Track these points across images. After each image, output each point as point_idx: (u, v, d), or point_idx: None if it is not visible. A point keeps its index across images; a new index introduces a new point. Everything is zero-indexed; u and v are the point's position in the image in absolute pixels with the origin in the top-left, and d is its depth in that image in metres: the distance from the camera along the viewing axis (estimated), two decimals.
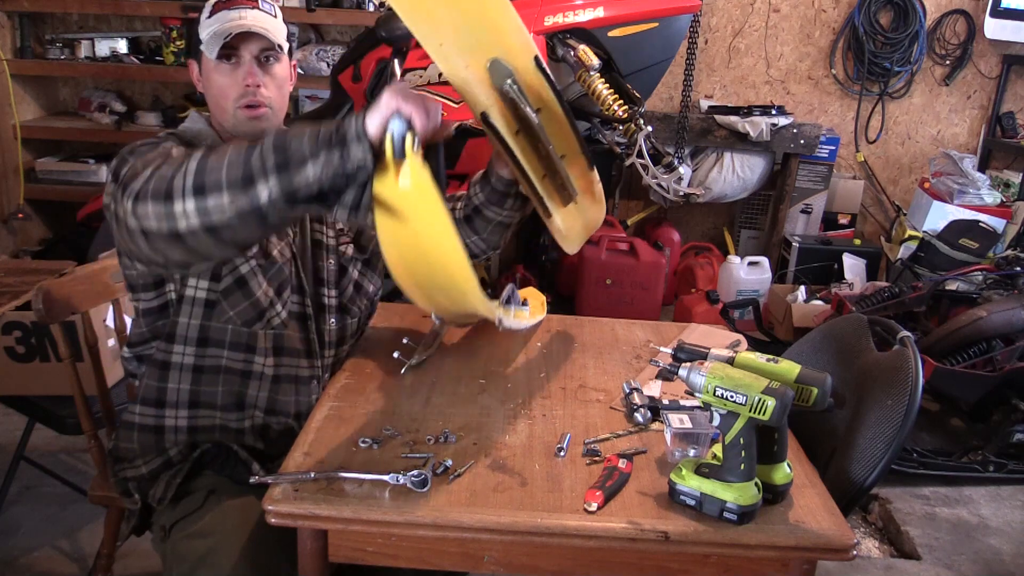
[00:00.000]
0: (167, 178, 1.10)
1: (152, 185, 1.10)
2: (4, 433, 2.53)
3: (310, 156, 1.04)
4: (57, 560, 2.09)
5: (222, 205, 1.06)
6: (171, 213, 1.08)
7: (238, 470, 1.38)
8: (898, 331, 1.38)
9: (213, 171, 1.07)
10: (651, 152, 2.95)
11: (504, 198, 1.50)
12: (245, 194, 1.05)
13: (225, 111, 1.39)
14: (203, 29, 1.38)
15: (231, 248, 1.15)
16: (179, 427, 1.40)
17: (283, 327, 1.41)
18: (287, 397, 1.43)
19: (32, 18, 3.83)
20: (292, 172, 1.04)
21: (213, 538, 1.28)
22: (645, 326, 1.75)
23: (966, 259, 3.41)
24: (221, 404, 1.40)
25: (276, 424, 1.43)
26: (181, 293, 1.36)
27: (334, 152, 1.04)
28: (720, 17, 4.12)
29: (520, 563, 1.11)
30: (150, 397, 1.40)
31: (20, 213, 3.72)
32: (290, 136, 1.06)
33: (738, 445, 1.06)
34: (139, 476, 1.41)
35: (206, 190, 1.06)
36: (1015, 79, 4.13)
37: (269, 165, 1.05)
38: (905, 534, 2.40)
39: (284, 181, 1.04)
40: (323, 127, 1.06)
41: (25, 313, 1.98)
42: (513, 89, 1.21)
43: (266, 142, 1.07)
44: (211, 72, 1.39)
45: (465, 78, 1.21)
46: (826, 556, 1.07)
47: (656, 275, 3.60)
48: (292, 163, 1.04)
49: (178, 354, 1.38)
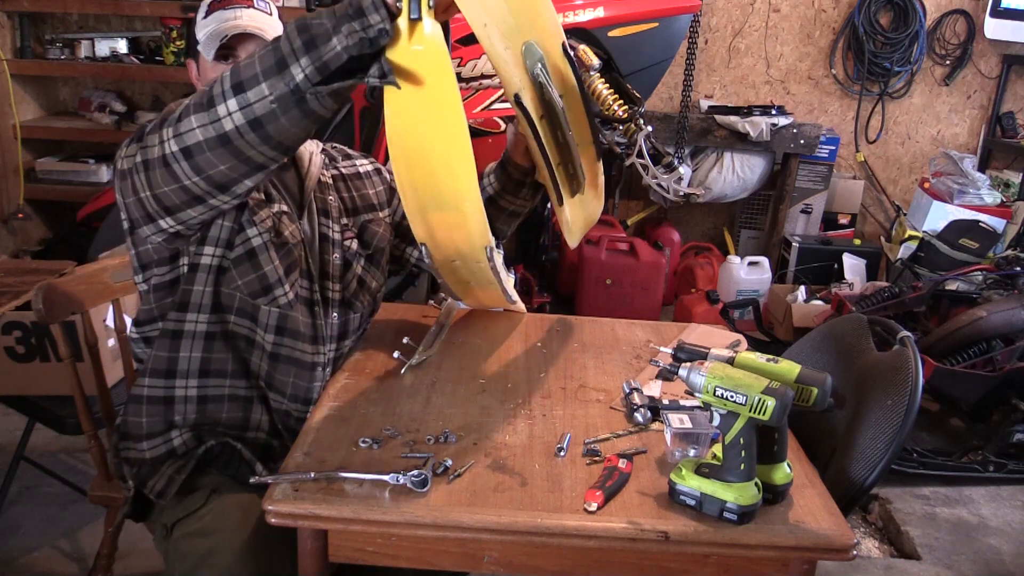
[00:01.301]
0: (205, 92, 1.14)
1: (193, 102, 1.15)
2: (4, 433, 2.53)
3: (333, 31, 1.08)
4: (57, 560, 2.09)
5: (263, 94, 1.10)
6: (216, 117, 1.12)
7: (241, 470, 1.38)
8: (898, 331, 1.38)
9: (247, 68, 1.11)
10: (651, 152, 2.94)
11: (520, 187, 1.54)
12: (281, 79, 1.09)
13: None
14: (200, 29, 1.39)
15: (278, 150, 1.17)
16: (189, 397, 1.40)
17: (289, 307, 1.42)
18: (285, 377, 1.43)
19: (32, 18, 3.83)
20: (320, 47, 1.08)
21: (215, 537, 1.28)
22: (645, 326, 1.75)
23: (966, 259, 3.41)
24: (231, 370, 1.41)
25: (275, 402, 1.44)
26: (195, 262, 1.37)
27: (354, 23, 1.07)
28: (720, 17, 4.12)
29: (520, 563, 1.11)
30: (160, 368, 1.40)
31: (20, 213, 3.72)
32: (311, 18, 1.10)
33: (738, 445, 1.06)
34: (141, 460, 1.41)
35: (244, 85, 1.10)
36: (1015, 79, 4.14)
37: (297, 46, 1.08)
38: (905, 534, 2.40)
39: (314, 56, 1.08)
40: (337, 6, 1.10)
41: (25, 313, 1.98)
42: (543, 73, 1.26)
43: (289, 27, 1.11)
44: (208, 72, 1.39)
45: (505, 58, 1.24)
46: (826, 556, 1.07)
47: (656, 275, 3.60)
48: (318, 40, 1.08)
49: (191, 322, 1.39)
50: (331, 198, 1.53)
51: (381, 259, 1.59)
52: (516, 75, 1.26)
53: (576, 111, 1.40)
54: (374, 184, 1.63)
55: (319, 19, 1.09)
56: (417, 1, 1.09)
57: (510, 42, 1.24)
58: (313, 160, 1.52)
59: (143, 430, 1.41)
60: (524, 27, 1.27)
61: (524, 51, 1.26)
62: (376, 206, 1.61)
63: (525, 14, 1.27)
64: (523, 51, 1.26)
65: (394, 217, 1.64)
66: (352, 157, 1.65)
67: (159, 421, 1.41)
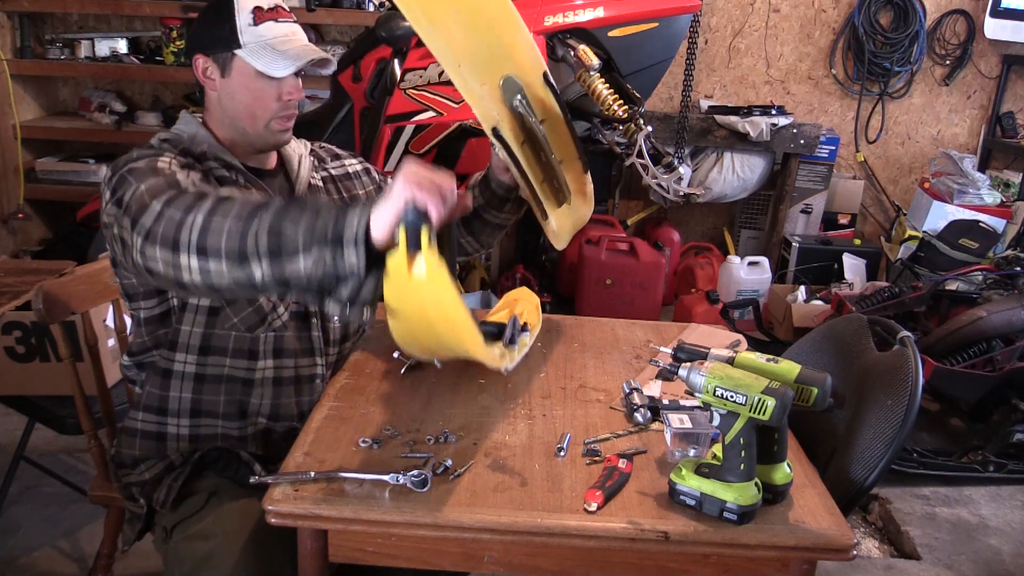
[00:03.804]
0: (175, 224, 1.08)
1: (161, 229, 1.09)
2: (4, 433, 2.53)
3: (303, 249, 1.01)
4: (57, 560, 2.09)
5: (221, 271, 1.06)
6: (177, 264, 1.08)
7: (240, 472, 1.38)
8: (898, 331, 1.38)
9: (215, 234, 1.05)
10: (651, 152, 2.94)
11: (503, 202, 1.52)
12: (240, 268, 1.04)
13: (257, 120, 1.38)
14: (245, 33, 1.34)
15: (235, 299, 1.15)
16: (181, 435, 1.39)
17: (284, 328, 1.41)
18: (289, 400, 1.43)
19: (32, 18, 3.83)
20: (284, 261, 1.02)
21: (214, 540, 1.28)
22: (645, 326, 1.75)
23: (966, 259, 3.41)
24: (223, 413, 1.39)
25: (279, 428, 1.43)
26: (184, 300, 1.35)
27: (326, 250, 1.00)
28: (720, 17, 4.12)
29: (520, 563, 1.11)
30: (152, 405, 1.39)
31: (20, 213, 3.72)
32: (288, 220, 1.02)
33: (738, 445, 1.06)
34: (142, 481, 1.41)
35: (208, 253, 1.05)
36: (1015, 79, 4.13)
37: (262, 249, 1.02)
38: (905, 534, 2.40)
39: (276, 268, 1.03)
40: (323, 214, 1.02)
41: (25, 313, 1.98)
42: (523, 104, 1.25)
43: (264, 218, 1.03)
44: (250, 79, 1.36)
45: (480, 94, 1.24)
46: (826, 556, 1.07)
47: (656, 275, 3.60)
48: (285, 252, 1.02)
49: (180, 363, 1.37)
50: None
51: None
52: (493, 109, 1.26)
53: (560, 132, 1.39)
54: (364, 184, 1.61)
55: (296, 224, 1.01)
56: (416, 234, 0.98)
57: (487, 78, 1.24)
58: (303, 163, 1.50)
59: (138, 460, 1.41)
60: (501, 62, 1.26)
61: (503, 85, 1.25)
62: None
63: (501, 50, 1.27)
64: (501, 85, 1.25)
65: None
66: (341, 157, 1.63)
67: (152, 451, 1.41)
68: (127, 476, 1.43)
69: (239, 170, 1.40)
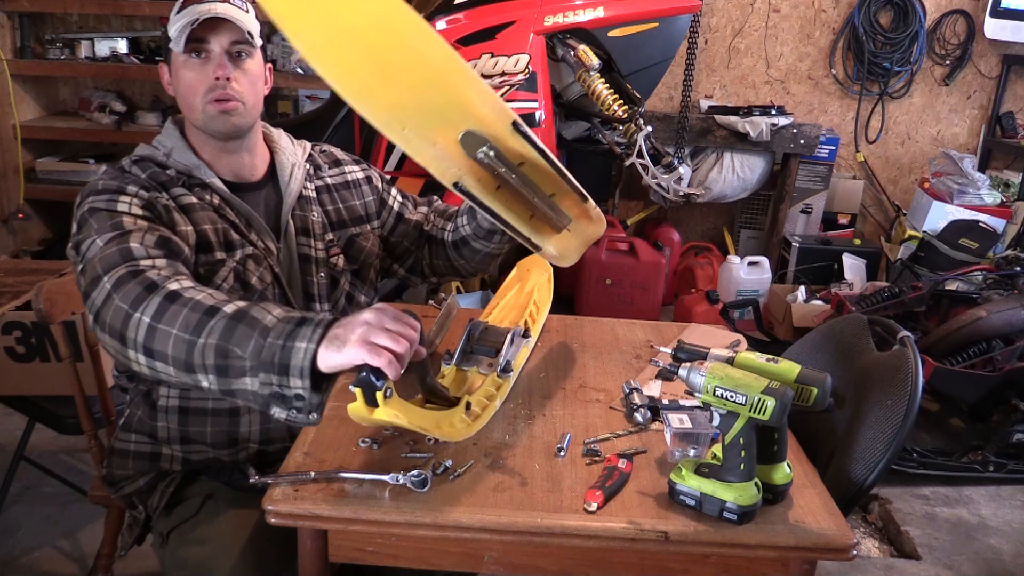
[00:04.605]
0: (122, 317, 1.07)
1: (109, 318, 1.09)
2: (4, 433, 2.53)
3: (249, 372, 1.00)
4: (57, 560, 2.09)
5: (169, 373, 1.06)
6: (126, 355, 1.08)
7: (234, 476, 1.36)
8: (898, 331, 1.38)
9: (161, 340, 1.04)
10: (651, 152, 2.95)
11: (491, 234, 1.50)
12: (188, 375, 1.04)
13: (194, 108, 1.34)
14: (172, 25, 1.32)
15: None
16: (175, 456, 1.37)
17: None
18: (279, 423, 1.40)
19: (32, 18, 3.83)
20: (231, 379, 1.01)
21: (211, 545, 1.27)
22: (645, 326, 1.75)
23: (966, 259, 3.41)
24: (211, 443, 1.36)
25: (272, 449, 1.39)
26: None
27: (272, 376, 0.99)
28: (720, 17, 4.12)
29: (520, 563, 1.11)
30: (144, 430, 1.37)
31: (20, 213, 3.72)
32: (234, 340, 1.01)
33: (738, 445, 1.06)
34: (138, 490, 1.40)
35: (155, 356, 1.05)
36: (1015, 79, 4.14)
37: (209, 366, 1.02)
38: (905, 534, 2.40)
39: (223, 383, 1.02)
40: (272, 336, 0.99)
41: (25, 313, 1.98)
42: (489, 156, 1.16)
43: (212, 332, 1.02)
44: (180, 68, 1.33)
45: (432, 154, 1.14)
46: (826, 556, 1.07)
47: (656, 275, 3.60)
48: (232, 372, 1.01)
49: (163, 396, 1.35)
50: (314, 215, 1.46)
51: (369, 273, 1.55)
52: (452, 165, 1.17)
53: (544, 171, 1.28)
54: (363, 194, 1.56)
55: (244, 344, 0.99)
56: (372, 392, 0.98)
57: (439, 137, 1.14)
58: (295, 175, 1.45)
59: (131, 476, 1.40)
60: (455, 120, 1.15)
61: (462, 140, 1.15)
62: (364, 218, 1.55)
63: (454, 107, 1.15)
64: (460, 140, 1.15)
65: (383, 229, 1.59)
66: (342, 163, 1.57)
67: (147, 468, 1.39)
68: (122, 488, 1.41)
69: (214, 189, 1.36)
